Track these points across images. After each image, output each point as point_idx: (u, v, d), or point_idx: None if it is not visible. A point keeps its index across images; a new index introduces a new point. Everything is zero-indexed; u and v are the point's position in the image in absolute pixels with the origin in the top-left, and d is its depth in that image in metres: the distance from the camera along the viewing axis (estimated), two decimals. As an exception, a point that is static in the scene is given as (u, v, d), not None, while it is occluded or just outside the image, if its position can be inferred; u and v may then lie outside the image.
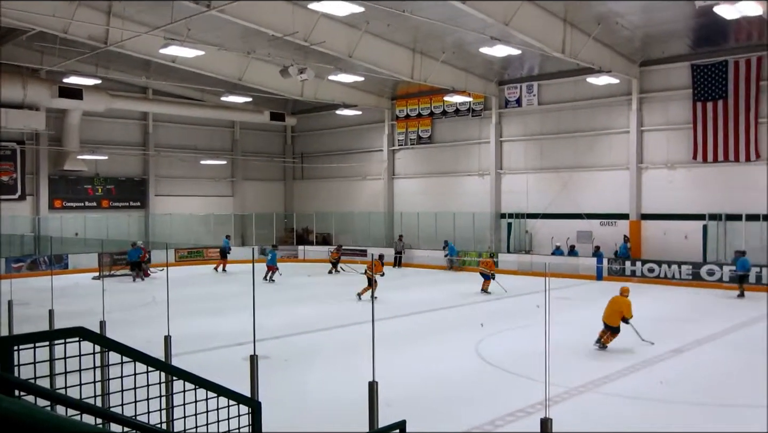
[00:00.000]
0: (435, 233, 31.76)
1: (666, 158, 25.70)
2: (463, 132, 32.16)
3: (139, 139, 34.90)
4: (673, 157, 25.53)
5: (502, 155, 30.71)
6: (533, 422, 8.53)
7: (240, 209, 37.89)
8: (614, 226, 26.89)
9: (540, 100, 29.20)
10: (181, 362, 6.72)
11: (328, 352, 13.47)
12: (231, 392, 5.04)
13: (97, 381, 4.64)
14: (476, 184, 31.55)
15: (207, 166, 36.39)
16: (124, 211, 33.98)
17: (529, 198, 29.50)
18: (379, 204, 35.41)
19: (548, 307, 6.77)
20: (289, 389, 10.59)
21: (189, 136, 36.36)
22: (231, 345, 13.59)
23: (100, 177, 33.26)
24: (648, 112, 26.21)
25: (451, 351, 13.43)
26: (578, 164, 28.05)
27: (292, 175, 40.85)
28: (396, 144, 34.98)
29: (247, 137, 38.84)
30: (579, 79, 26.71)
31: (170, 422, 5.37)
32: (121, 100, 31.72)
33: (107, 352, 4.46)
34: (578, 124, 28.08)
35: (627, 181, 26.48)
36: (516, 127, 30.28)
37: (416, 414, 8.51)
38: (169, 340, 8.38)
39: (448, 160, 32.72)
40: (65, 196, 32.12)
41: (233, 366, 11.25)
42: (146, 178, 34.91)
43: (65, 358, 4.28)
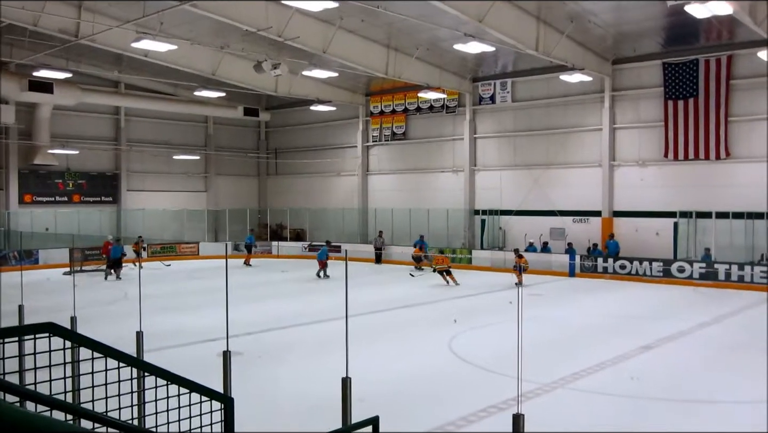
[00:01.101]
0: (409, 229, 31.84)
1: (638, 156, 26.03)
2: (437, 129, 32.26)
3: (111, 134, 34.50)
4: (644, 155, 25.86)
5: (476, 152, 30.86)
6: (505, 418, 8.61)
7: (213, 205, 37.66)
8: (587, 223, 27.17)
9: (514, 98, 29.38)
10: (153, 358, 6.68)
11: (301, 348, 13.45)
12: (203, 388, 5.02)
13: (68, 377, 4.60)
14: (450, 180, 31.67)
15: (180, 162, 36.11)
16: (95, 206, 33.59)
17: (503, 195, 29.70)
18: (354, 200, 35.40)
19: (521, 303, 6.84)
20: (262, 385, 10.57)
21: (162, 131, 36.03)
22: (203, 341, 13.54)
23: (71, 172, 32.83)
24: (620, 110, 26.51)
25: (424, 347, 13.48)
26: (551, 161, 28.29)
27: (266, 170, 40.68)
28: (370, 140, 34.98)
29: (221, 132, 38.58)
30: (552, 77, 26.93)
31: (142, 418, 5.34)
32: (92, 94, 31.28)
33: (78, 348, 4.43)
34: (551, 122, 28.31)
35: (599, 178, 26.76)
36: (490, 124, 30.44)
37: (389, 410, 8.56)
38: (141, 336, 8.32)
39: (423, 156, 32.80)
40: (35, 191, 31.67)
41: (206, 362, 11.19)
42: (118, 173, 34.54)
43: (35, 354, 4.24)
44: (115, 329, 12.98)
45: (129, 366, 4.59)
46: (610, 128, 26.48)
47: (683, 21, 21.07)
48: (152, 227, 34.01)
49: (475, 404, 9.43)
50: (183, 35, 23.49)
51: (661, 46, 24.81)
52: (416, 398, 10.04)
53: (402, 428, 8.38)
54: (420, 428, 8.58)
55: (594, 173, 26.98)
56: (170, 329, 14.93)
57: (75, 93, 29.99)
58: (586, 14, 21.87)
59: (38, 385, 4.01)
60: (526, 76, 28.76)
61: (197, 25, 23.24)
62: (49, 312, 11.94)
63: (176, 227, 35.05)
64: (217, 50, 25.67)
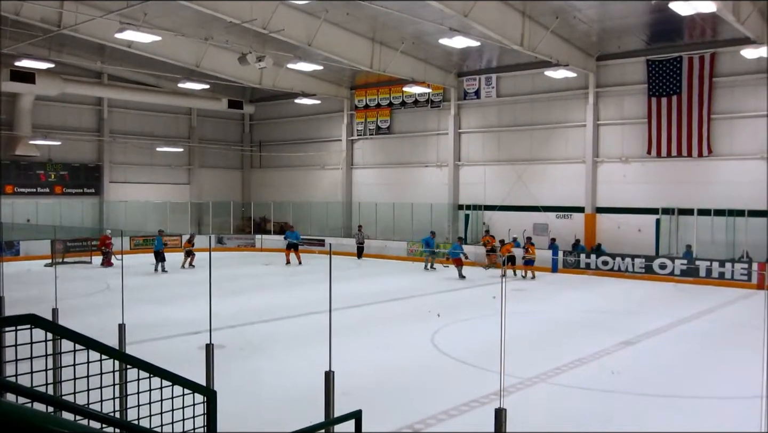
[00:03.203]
0: (393, 223, 31.87)
1: (621, 153, 26.19)
2: (421, 123, 32.28)
3: (93, 125, 34.20)
4: (627, 152, 26.03)
5: (461, 147, 30.91)
6: (487, 412, 8.65)
7: (197, 197, 37.47)
8: (570, 219, 27.31)
9: (498, 93, 29.44)
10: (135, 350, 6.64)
11: (284, 341, 13.44)
12: (186, 380, 5.00)
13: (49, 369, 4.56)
14: (434, 175, 31.72)
15: (163, 154, 35.88)
16: (77, 198, 33.29)
17: (487, 190, 29.78)
18: (337, 194, 35.36)
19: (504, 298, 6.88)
20: (244, 379, 10.55)
21: (145, 123, 35.78)
22: (185, 334, 13.50)
23: (53, 163, 32.52)
24: (604, 107, 26.65)
25: (407, 341, 13.52)
26: (535, 157, 28.40)
27: (249, 163, 40.52)
28: (355, 134, 34.93)
29: (205, 125, 38.37)
30: (537, 73, 27.01)
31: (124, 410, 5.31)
32: (75, 84, 30.97)
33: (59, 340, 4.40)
34: (536, 117, 28.41)
35: (583, 174, 26.90)
36: (474, 119, 30.50)
37: (372, 404, 8.58)
38: (123, 328, 8.27)
39: (407, 150, 32.81)
40: (17, 182, 31.35)
41: (187, 355, 11.17)
42: (101, 164, 34.25)
43: (16, 345, 4.20)
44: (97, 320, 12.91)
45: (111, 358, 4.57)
46: (594, 124, 26.62)
47: (667, 18, 21.23)
48: (135, 219, 33.79)
49: (457, 399, 9.48)
50: (167, 26, 23.31)
51: (645, 43, 24.95)
52: (399, 391, 10.07)
53: (385, 421, 8.41)
54: (402, 421, 8.62)
55: (577, 169, 27.12)
56: (152, 321, 14.87)
57: (57, 83, 29.68)
58: (570, 10, 21.95)
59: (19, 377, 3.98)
60: (510, 72, 28.83)
61: (181, 16, 23.08)
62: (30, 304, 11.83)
63: (159, 219, 34.82)
64: (201, 42, 25.50)
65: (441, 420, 8.73)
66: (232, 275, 23.08)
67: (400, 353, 12.55)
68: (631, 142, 25.90)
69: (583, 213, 26.97)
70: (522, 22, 22.02)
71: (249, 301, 18.26)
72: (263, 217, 37.94)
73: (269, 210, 37.30)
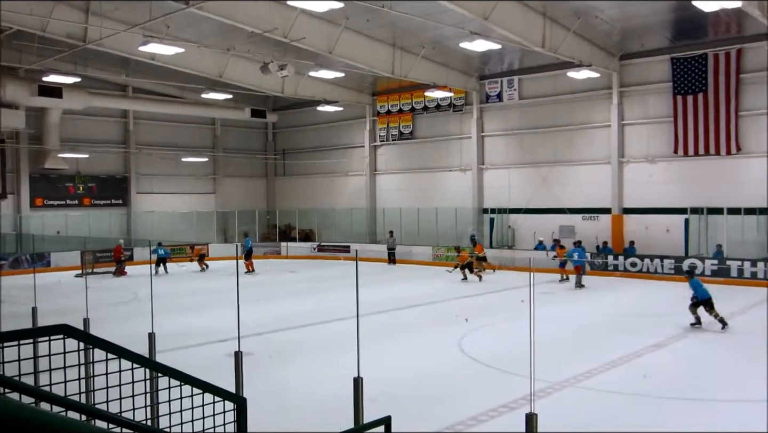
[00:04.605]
0: (417, 228, 31.83)
1: (647, 152, 25.91)
2: (444, 127, 32.23)
3: (119, 137, 34.65)
4: (653, 151, 25.75)
5: (484, 150, 30.80)
6: (516, 417, 8.59)
7: (222, 206, 37.74)
8: (596, 220, 27.07)
9: (521, 95, 29.32)
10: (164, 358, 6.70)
11: (311, 348, 13.46)
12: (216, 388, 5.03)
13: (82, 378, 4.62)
14: (458, 179, 31.63)
15: (188, 164, 36.21)
16: (105, 209, 33.75)
17: (511, 193, 29.64)
18: (362, 200, 35.40)
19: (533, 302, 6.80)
20: (273, 386, 10.58)
21: (170, 134, 36.15)
22: (213, 342, 13.58)
23: (81, 175, 33.00)
24: (628, 106, 26.41)
25: (434, 347, 13.47)
26: (559, 159, 28.21)
27: (273, 171, 40.74)
28: (377, 140, 34.97)
29: (229, 134, 38.68)
30: (559, 74, 26.85)
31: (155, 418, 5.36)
32: (100, 98, 31.44)
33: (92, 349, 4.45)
34: (559, 119, 28.23)
35: (608, 175, 26.66)
36: (497, 122, 30.39)
37: (400, 410, 8.56)
38: (153, 337, 8.35)
39: (430, 155, 32.77)
40: (46, 195, 31.88)
41: (215, 363, 11.23)
42: (127, 175, 34.68)
43: (50, 355, 4.26)
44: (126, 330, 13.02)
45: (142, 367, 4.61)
46: (619, 125, 26.38)
47: (691, 15, 20.99)
48: (162, 229, 34.13)
49: (486, 404, 9.41)
50: (189, 38, 23.57)
51: (668, 41, 24.69)
52: (427, 397, 10.03)
53: (414, 427, 8.37)
54: (431, 427, 8.58)
55: (603, 170, 26.88)
56: (179, 329, 14.98)
57: (84, 97, 30.14)
58: (592, 10, 21.80)
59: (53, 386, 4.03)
60: (532, 74, 28.69)
61: (203, 27, 23.31)
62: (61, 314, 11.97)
63: (186, 228, 35.14)
64: (223, 52, 25.72)
65: (470, 426, 8.68)
66: (259, 283, 23.19)
67: (427, 358, 12.51)
68: (657, 142, 25.62)
69: (609, 214, 26.71)
70: (543, 24, 21.91)
71: (275, 308, 18.34)
72: (288, 224, 38.11)
73: (294, 218, 37.45)
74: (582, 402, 9.72)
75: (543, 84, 28.60)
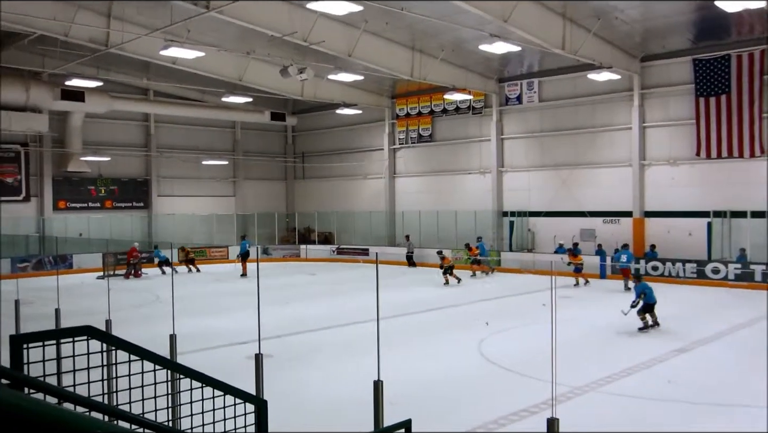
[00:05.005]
0: (436, 231, 31.77)
1: (668, 155, 25.66)
2: (463, 130, 32.16)
3: (141, 140, 34.96)
4: (675, 154, 25.49)
5: (503, 153, 30.69)
6: (537, 421, 8.53)
7: (242, 209, 37.93)
8: (617, 224, 26.83)
9: (541, 97, 29.17)
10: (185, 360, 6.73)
11: (330, 350, 13.48)
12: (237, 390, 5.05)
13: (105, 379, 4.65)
14: (478, 182, 31.53)
15: (209, 167, 36.45)
16: (127, 211, 34.06)
17: (531, 196, 29.49)
18: (381, 203, 35.42)
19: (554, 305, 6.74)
20: (293, 388, 10.60)
21: (190, 137, 36.41)
22: (233, 344, 13.64)
23: (103, 178, 33.34)
24: (649, 108, 26.17)
25: (454, 350, 13.43)
26: (580, 161, 28.02)
27: (293, 174, 40.88)
28: (397, 143, 34.97)
29: (248, 137, 38.88)
30: (579, 76, 26.68)
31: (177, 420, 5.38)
32: (122, 101, 31.76)
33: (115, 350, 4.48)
34: (579, 121, 28.05)
35: (629, 178, 26.42)
36: (517, 124, 30.26)
37: (420, 413, 8.52)
38: (174, 339, 8.40)
39: (449, 158, 32.71)
40: (69, 197, 32.23)
41: (235, 365, 11.28)
42: (149, 178, 34.97)
43: (74, 356, 4.29)
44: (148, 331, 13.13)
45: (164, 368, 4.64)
46: (640, 127, 26.15)
47: (714, 15, 20.77)
48: (182, 231, 34.38)
49: (506, 408, 9.37)
50: (209, 42, 23.71)
51: (690, 42, 24.45)
52: (447, 401, 9.99)
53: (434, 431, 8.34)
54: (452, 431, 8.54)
55: (624, 173, 26.65)
56: (200, 331, 15.05)
57: (105, 101, 30.47)
58: (612, 11, 21.64)
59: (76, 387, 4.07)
60: (552, 76, 28.53)
61: (223, 31, 23.45)
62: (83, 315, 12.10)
63: (206, 231, 35.38)
64: (243, 56, 25.86)
65: (491, 430, 8.64)
66: (278, 285, 23.25)
67: (447, 361, 12.47)
68: (679, 144, 25.35)
69: (630, 218, 26.46)
70: (563, 25, 21.79)
71: (295, 311, 18.38)
72: (308, 227, 38.22)
73: (313, 220, 37.55)
74: (604, 407, 9.63)
75: (563, 86, 28.44)
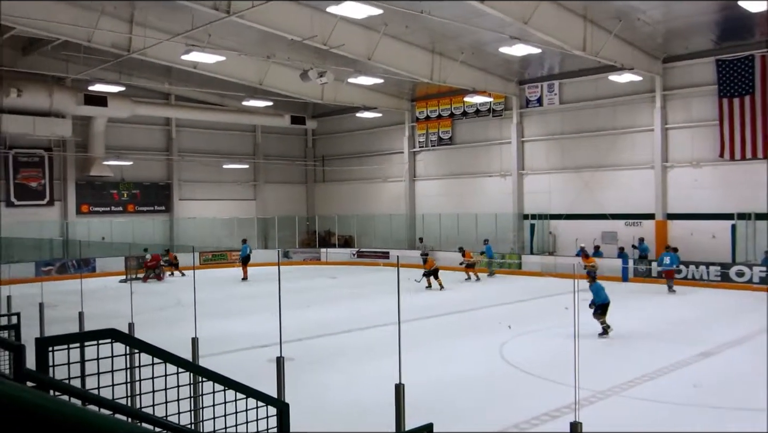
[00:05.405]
0: (457, 234, 31.67)
1: (691, 156, 25.39)
2: (483, 133, 32.06)
3: (162, 145, 35.25)
4: (698, 156, 25.21)
5: (524, 156, 30.54)
6: (558, 426, 8.48)
7: (262, 212, 38.10)
8: (639, 226, 26.59)
9: (561, 99, 29.01)
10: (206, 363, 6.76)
11: (351, 354, 13.48)
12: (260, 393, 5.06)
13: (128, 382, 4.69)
14: (498, 185, 31.41)
15: (229, 170, 36.67)
16: (149, 215, 34.34)
17: (552, 199, 29.31)
18: (401, 206, 35.41)
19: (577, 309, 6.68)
20: (314, 391, 10.61)
21: (211, 141, 36.66)
22: (253, 347, 13.68)
23: (125, 182, 33.66)
24: (672, 110, 25.91)
25: (475, 353, 13.37)
26: (601, 164, 27.81)
27: (313, 178, 41.00)
28: (417, 146, 34.95)
29: (269, 141, 39.05)
30: (601, 77, 26.49)
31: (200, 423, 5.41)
32: (144, 106, 32.06)
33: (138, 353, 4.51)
34: (600, 123, 27.85)
35: (651, 180, 26.17)
36: (537, 126, 30.11)
37: (442, 417, 8.48)
38: (196, 342, 8.44)
39: (470, 161, 32.63)
40: (92, 201, 32.57)
41: (256, 368, 11.30)
42: (170, 182, 35.25)
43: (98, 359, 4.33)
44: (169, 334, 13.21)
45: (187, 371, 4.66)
46: (662, 128, 25.90)
47: (737, 16, 20.54)
48: (203, 235, 34.60)
49: (528, 412, 9.30)
50: (230, 46, 23.88)
51: (713, 43, 24.19)
52: (468, 405, 9.95)
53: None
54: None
55: (646, 175, 26.41)
56: (220, 334, 15.10)
57: (128, 106, 30.79)
58: (634, 12, 21.47)
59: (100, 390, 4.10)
60: (573, 78, 28.37)
61: (244, 36, 23.59)
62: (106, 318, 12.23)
63: (227, 234, 35.58)
64: (263, 60, 26.00)
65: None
66: (299, 289, 23.32)
67: (468, 365, 12.41)
68: (702, 146, 25.07)
69: (653, 220, 26.21)
70: (583, 27, 21.66)
71: (316, 314, 18.41)
72: (328, 230, 38.30)
73: (333, 224, 37.62)
74: (627, 411, 9.53)
75: (584, 88, 28.26)
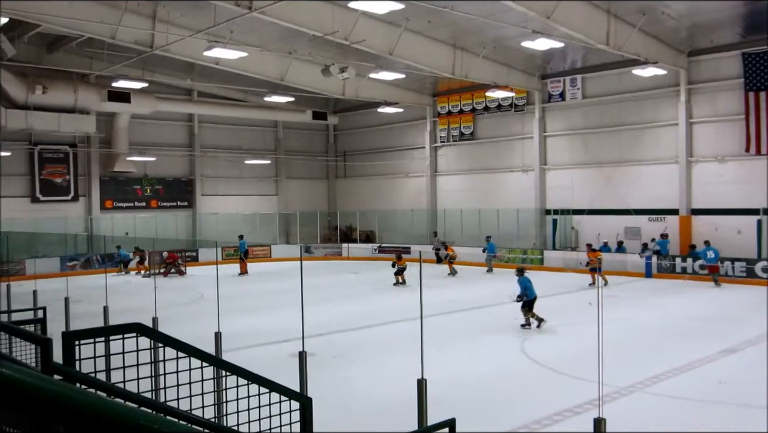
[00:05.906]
0: (479, 230, 31.55)
1: (716, 151, 25.06)
2: (505, 128, 31.90)
3: (185, 141, 35.50)
4: (723, 150, 24.87)
5: (546, 151, 30.35)
6: (580, 422, 8.44)
7: (284, 208, 38.25)
8: (663, 222, 26.33)
9: (584, 94, 28.76)
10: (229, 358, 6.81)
11: (373, 349, 13.51)
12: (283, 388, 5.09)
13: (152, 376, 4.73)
14: (520, 180, 31.24)
15: (251, 166, 36.86)
16: (171, 211, 34.62)
17: (575, 194, 29.09)
18: (422, 201, 35.36)
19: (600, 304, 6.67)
20: (336, 386, 10.65)
21: (233, 137, 36.85)
22: (275, 342, 13.75)
23: (148, 178, 33.96)
24: (697, 104, 25.59)
25: (497, 349, 13.35)
26: (624, 159, 27.55)
27: (335, 173, 41.08)
28: (438, 141, 34.87)
29: (290, 137, 39.18)
30: (624, 72, 26.22)
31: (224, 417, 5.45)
32: (167, 102, 32.32)
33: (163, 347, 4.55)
34: (624, 118, 27.58)
35: (675, 175, 25.88)
36: (560, 121, 29.89)
37: (464, 412, 8.48)
38: (219, 336, 8.50)
39: (491, 156, 32.49)
40: (116, 197, 32.91)
41: (279, 363, 11.37)
42: (193, 178, 35.50)
43: (123, 353, 4.38)
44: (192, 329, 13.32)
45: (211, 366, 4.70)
46: (687, 123, 25.59)
47: (762, 8, 20.24)
48: (226, 230, 34.82)
49: (550, 408, 9.27)
50: (252, 42, 23.96)
51: (740, 36, 23.83)
52: (490, 400, 9.93)
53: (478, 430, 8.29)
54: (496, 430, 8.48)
55: (670, 170, 26.12)
56: (243, 329, 15.21)
57: (151, 102, 31.06)
58: (658, 5, 21.23)
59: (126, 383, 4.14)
60: (596, 72, 28.11)
61: (265, 32, 23.67)
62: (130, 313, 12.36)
63: (249, 230, 35.75)
64: (285, 56, 26.08)
65: (534, 430, 8.55)
66: (320, 284, 23.40)
67: (490, 361, 12.39)
68: (727, 140, 24.74)
69: (677, 215, 25.93)
70: (607, 21, 21.45)
71: (337, 309, 18.47)
72: (349, 226, 38.37)
73: (355, 219, 37.68)
74: (651, 408, 9.45)
75: (607, 82, 27.99)
